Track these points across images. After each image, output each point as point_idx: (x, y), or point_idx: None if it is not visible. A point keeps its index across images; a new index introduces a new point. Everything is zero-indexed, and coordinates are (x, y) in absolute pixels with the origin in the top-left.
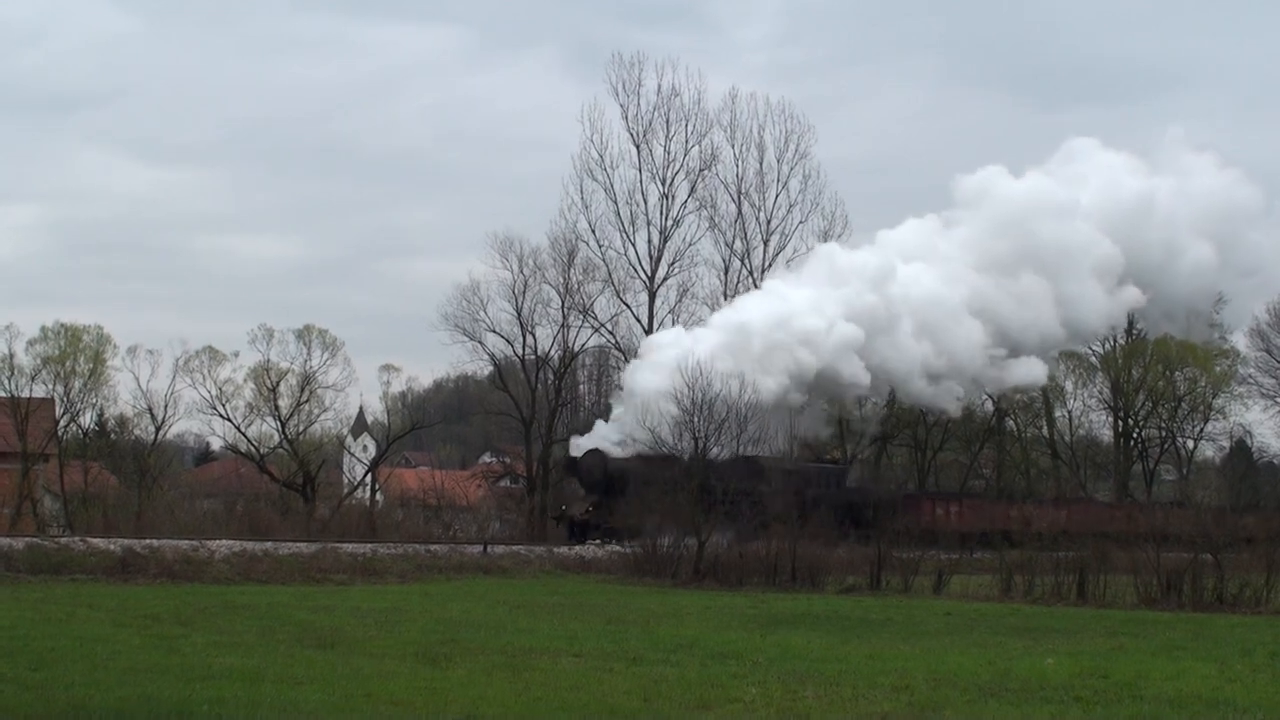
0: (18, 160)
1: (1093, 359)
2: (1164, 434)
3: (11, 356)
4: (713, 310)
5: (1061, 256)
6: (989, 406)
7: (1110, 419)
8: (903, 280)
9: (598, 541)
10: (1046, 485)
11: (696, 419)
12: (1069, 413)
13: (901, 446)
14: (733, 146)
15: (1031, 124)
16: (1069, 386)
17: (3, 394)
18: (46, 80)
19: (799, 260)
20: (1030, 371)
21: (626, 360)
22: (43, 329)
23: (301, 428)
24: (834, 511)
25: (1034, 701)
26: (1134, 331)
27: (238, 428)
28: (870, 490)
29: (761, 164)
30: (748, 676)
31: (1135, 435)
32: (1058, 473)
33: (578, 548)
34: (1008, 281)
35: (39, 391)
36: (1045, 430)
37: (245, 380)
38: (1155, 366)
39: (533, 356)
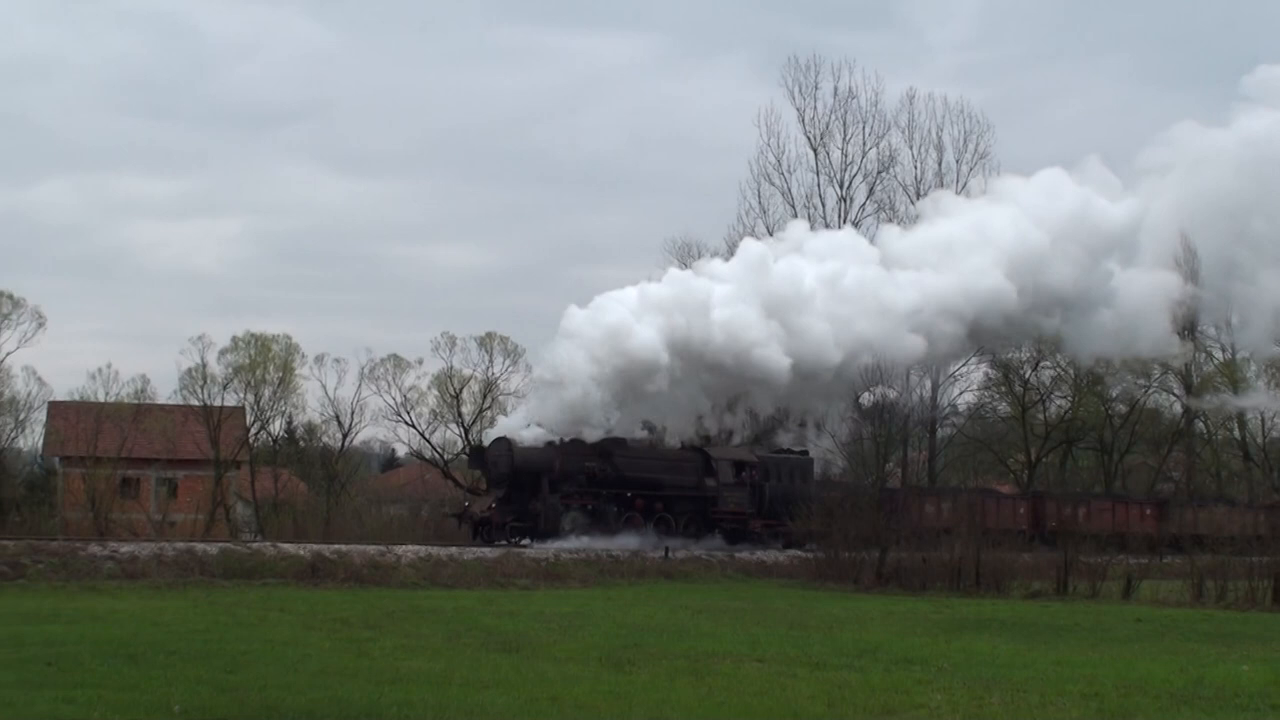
0: (226, 174)
1: None
2: None
3: (205, 366)
4: None
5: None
6: (1177, 408)
7: None
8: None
9: (504, 543)
10: (1239, 488)
11: (878, 429)
12: (1261, 414)
13: (1087, 449)
14: (910, 148)
15: (1223, 122)
16: (1261, 385)
17: (196, 403)
18: (253, 95)
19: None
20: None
21: None
22: (234, 339)
23: (484, 434)
24: (798, 508)
25: (1228, 709)
26: None
27: (422, 434)
28: (845, 485)
29: (940, 165)
30: (932, 682)
31: None
32: (1250, 475)
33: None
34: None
35: (230, 400)
36: (1237, 432)
37: (429, 387)
38: None
39: None
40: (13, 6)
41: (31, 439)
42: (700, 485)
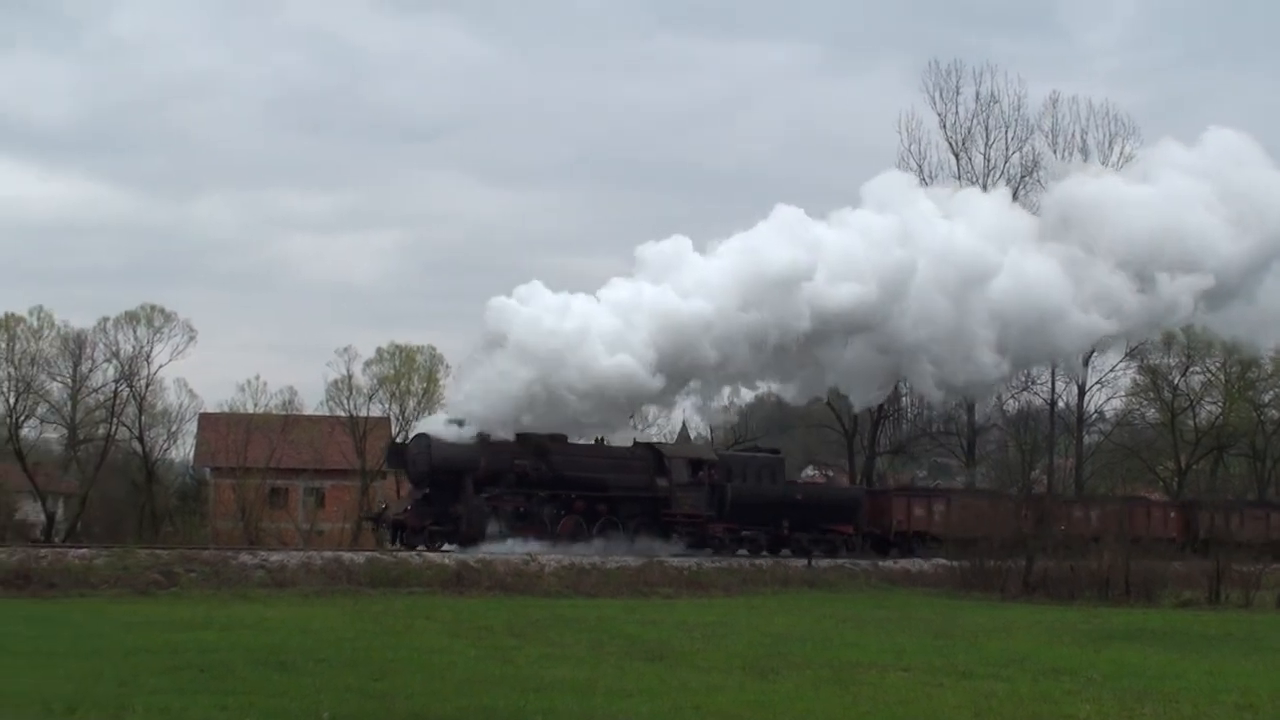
0: (380, 187)
1: None
2: None
3: (350, 377)
4: None
5: None
6: None
7: None
8: None
9: (421, 548)
10: None
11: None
12: None
13: (1239, 456)
14: (1054, 151)
15: None
16: None
17: (343, 413)
18: (408, 109)
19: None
20: None
21: None
22: (378, 350)
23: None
24: (766, 512)
25: None
26: None
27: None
28: (821, 487)
29: None
30: (1081, 693)
31: None
32: None
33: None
34: None
35: (376, 411)
36: None
37: None
38: None
39: None
40: (176, 27)
41: (183, 450)
42: (650, 485)
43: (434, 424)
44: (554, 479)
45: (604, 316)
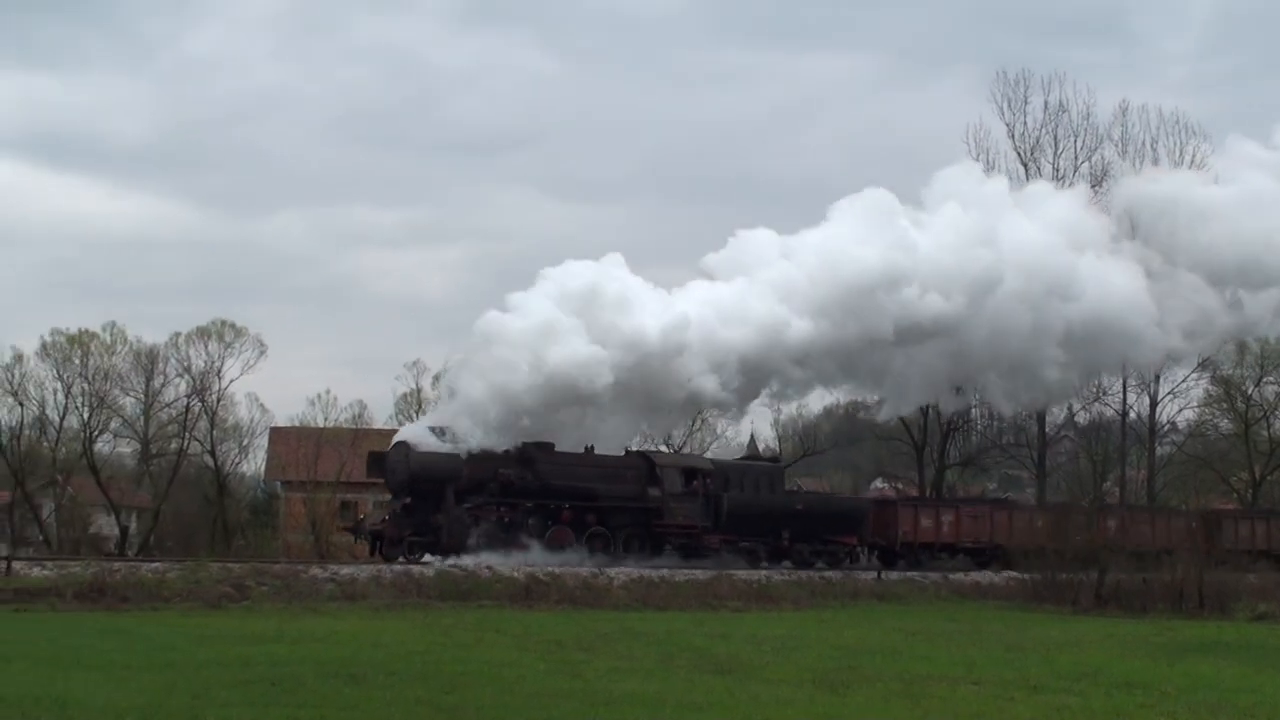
0: (450, 202)
1: None
2: None
3: (419, 391)
4: None
5: None
6: None
7: None
8: None
9: (401, 560)
10: None
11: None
12: None
13: None
14: (1124, 161)
15: None
16: None
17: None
18: (477, 123)
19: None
20: None
21: None
22: (446, 363)
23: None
24: (764, 522)
25: None
26: None
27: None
28: (823, 497)
29: None
30: (1155, 707)
31: None
32: None
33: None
34: None
35: None
36: None
37: None
38: None
39: None
40: (248, 45)
41: (254, 464)
42: (642, 495)
43: (416, 431)
44: (540, 488)
45: (691, 324)
